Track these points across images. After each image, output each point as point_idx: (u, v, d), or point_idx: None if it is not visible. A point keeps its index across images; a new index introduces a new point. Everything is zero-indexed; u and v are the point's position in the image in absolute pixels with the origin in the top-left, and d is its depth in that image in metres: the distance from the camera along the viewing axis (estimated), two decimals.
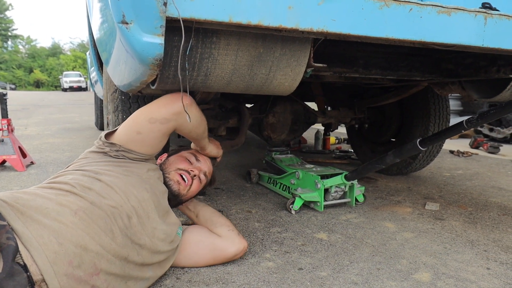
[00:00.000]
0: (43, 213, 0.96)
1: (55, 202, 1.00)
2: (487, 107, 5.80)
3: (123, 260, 1.06)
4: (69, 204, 1.02)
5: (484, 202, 2.31)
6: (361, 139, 3.29)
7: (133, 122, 1.29)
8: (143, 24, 0.87)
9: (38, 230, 0.92)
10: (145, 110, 1.29)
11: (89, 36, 3.14)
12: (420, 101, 2.69)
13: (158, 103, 1.29)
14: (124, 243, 1.07)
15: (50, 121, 7.27)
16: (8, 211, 0.93)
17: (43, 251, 0.89)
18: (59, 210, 0.99)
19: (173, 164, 1.45)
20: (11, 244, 0.86)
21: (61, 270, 0.90)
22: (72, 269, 0.92)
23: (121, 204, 1.11)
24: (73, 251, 0.94)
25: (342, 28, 1.00)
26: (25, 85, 52.05)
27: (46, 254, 0.89)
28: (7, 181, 2.64)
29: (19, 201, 0.98)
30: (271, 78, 1.21)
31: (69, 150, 3.96)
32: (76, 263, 0.93)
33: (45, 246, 0.90)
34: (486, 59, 1.68)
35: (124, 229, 1.08)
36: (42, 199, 1.01)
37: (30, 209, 0.96)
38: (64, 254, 0.92)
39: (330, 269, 1.41)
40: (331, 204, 2.12)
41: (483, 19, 1.12)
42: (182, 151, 1.55)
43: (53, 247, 0.91)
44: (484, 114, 1.54)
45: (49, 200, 1.01)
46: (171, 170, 1.42)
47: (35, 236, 0.90)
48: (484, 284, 1.32)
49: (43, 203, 0.99)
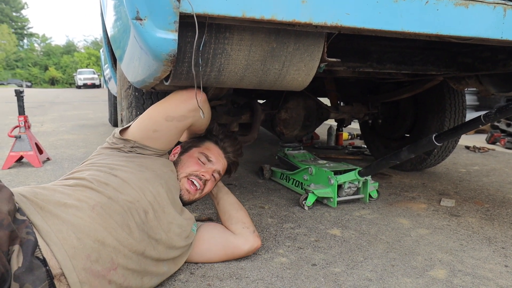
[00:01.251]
0: (62, 207, 0.98)
1: (73, 198, 1.02)
2: (505, 101, 5.68)
3: (140, 255, 1.07)
4: (86, 199, 1.03)
5: (502, 198, 2.27)
6: (374, 134, 3.26)
7: (149, 120, 1.30)
8: (157, 20, 0.87)
9: (57, 225, 0.94)
10: (161, 107, 1.29)
11: (103, 33, 3.16)
12: (435, 96, 2.65)
13: (174, 100, 1.29)
14: (141, 238, 1.08)
15: (65, 118, 7.39)
16: (28, 205, 0.95)
17: (62, 245, 0.91)
18: (78, 205, 1.00)
19: (185, 167, 1.40)
20: (31, 239, 0.87)
21: (80, 264, 0.92)
22: (90, 263, 0.94)
23: (137, 199, 1.12)
24: (91, 246, 0.95)
25: (356, 22, 0.99)
26: (41, 83, 52.93)
27: (65, 249, 0.91)
28: (24, 176, 2.69)
29: (38, 196, 0.99)
30: (284, 74, 1.20)
31: (83, 146, 4.01)
32: (94, 258, 0.95)
33: (64, 240, 0.92)
34: (504, 52, 1.64)
35: (141, 224, 1.09)
36: (60, 194, 1.02)
37: (49, 204, 0.97)
38: (83, 248, 0.93)
39: (344, 265, 1.40)
40: (345, 200, 2.11)
41: (502, 10, 1.09)
42: (194, 149, 1.48)
43: (72, 242, 0.93)
44: (503, 108, 1.51)
45: (67, 195, 1.03)
46: (182, 176, 1.38)
47: (54, 231, 0.92)
48: (502, 282, 1.29)
49: (62, 198, 1.01)
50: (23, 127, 3.09)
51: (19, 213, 0.92)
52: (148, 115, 1.31)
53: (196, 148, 1.48)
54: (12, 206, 0.89)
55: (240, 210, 1.50)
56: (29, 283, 0.83)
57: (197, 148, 1.48)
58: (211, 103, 2.20)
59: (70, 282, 0.89)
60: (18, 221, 0.89)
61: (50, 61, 56.22)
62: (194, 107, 1.26)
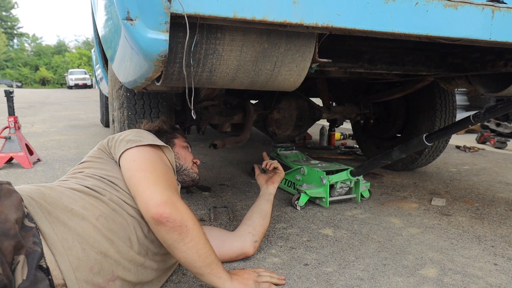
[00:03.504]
0: (69, 214, 0.96)
1: (79, 204, 1.00)
2: (494, 101, 5.75)
3: (139, 267, 1.06)
4: (92, 208, 1.01)
5: (491, 197, 2.30)
6: (366, 134, 3.28)
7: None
8: (148, 20, 0.87)
9: (63, 233, 0.92)
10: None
11: (94, 34, 3.15)
12: (426, 96, 2.67)
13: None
14: (140, 251, 1.07)
15: (56, 119, 7.32)
16: (37, 210, 0.92)
17: (67, 256, 0.90)
18: (83, 213, 0.99)
19: (187, 157, 1.48)
20: (37, 250, 0.85)
21: (83, 276, 0.91)
22: (93, 275, 0.93)
23: (140, 214, 1.09)
24: (95, 258, 0.94)
25: (347, 23, 0.99)
26: (31, 83, 52.40)
27: (69, 260, 0.90)
28: (14, 178, 2.66)
29: (47, 198, 0.97)
30: (276, 74, 1.20)
31: (75, 147, 3.98)
32: (96, 270, 0.94)
33: (69, 251, 0.91)
34: (493, 53, 1.66)
35: (142, 238, 1.08)
36: (67, 198, 1.00)
37: (57, 209, 0.95)
38: (87, 260, 0.92)
39: (336, 264, 1.41)
40: (337, 200, 2.11)
41: (491, 12, 1.10)
42: (176, 141, 1.52)
43: (77, 253, 0.91)
44: (492, 108, 1.53)
45: (74, 200, 1.01)
46: (189, 165, 1.48)
47: (61, 239, 0.91)
48: (492, 280, 1.31)
49: (69, 203, 0.99)
50: (13, 128, 3.05)
51: (27, 218, 0.89)
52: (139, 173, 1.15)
53: (176, 139, 1.53)
54: (20, 214, 0.87)
55: (262, 220, 1.50)
56: None
57: (177, 139, 1.54)
58: (204, 104, 2.21)
59: None
60: (26, 228, 0.87)
61: (41, 61, 55.69)
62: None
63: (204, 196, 2.23)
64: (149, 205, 1.01)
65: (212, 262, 1.07)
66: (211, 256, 1.07)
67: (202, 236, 1.05)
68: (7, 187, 0.89)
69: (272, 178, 1.73)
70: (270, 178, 1.74)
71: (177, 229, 1.00)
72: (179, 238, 1.01)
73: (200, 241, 1.04)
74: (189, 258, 1.03)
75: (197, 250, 1.03)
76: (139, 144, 1.16)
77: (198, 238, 1.04)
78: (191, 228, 1.02)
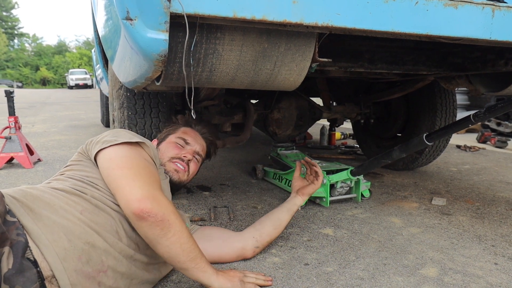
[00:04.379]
0: (51, 209, 0.97)
1: (62, 201, 1.01)
2: (495, 101, 5.74)
3: (130, 259, 1.06)
4: (75, 204, 1.01)
5: (492, 197, 2.29)
6: (366, 134, 3.27)
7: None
8: (148, 20, 0.87)
9: (47, 226, 0.93)
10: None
11: (94, 34, 3.15)
12: (426, 96, 2.67)
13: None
14: (129, 243, 1.07)
15: (56, 119, 7.32)
16: (18, 207, 0.93)
17: (53, 248, 0.90)
18: (66, 208, 0.99)
19: (165, 153, 1.43)
20: (21, 240, 0.86)
21: (71, 266, 0.91)
22: (82, 265, 0.93)
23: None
24: (82, 248, 0.94)
25: (347, 22, 0.99)
26: (32, 83, 52.45)
27: (56, 251, 0.90)
28: (15, 178, 2.66)
29: (28, 196, 0.98)
30: (276, 74, 1.20)
31: (75, 147, 3.98)
32: (84, 259, 0.94)
33: (55, 243, 0.91)
34: (493, 52, 1.65)
35: (129, 232, 1.08)
36: (50, 197, 1.01)
37: (39, 206, 0.96)
38: (73, 250, 0.93)
39: (336, 264, 1.41)
40: (337, 199, 2.11)
41: (491, 11, 1.10)
42: (170, 136, 1.51)
43: (63, 244, 0.92)
44: (492, 108, 1.53)
45: (56, 198, 1.01)
46: (165, 161, 1.41)
47: (45, 233, 0.91)
48: (492, 279, 1.31)
49: (51, 200, 0.99)
50: (13, 128, 3.05)
51: (9, 214, 0.91)
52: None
53: (172, 134, 1.51)
54: (2, 208, 0.88)
55: (273, 229, 1.46)
56: (19, 284, 0.82)
57: (173, 134, 1.51)
58: (204, 103, 2.21)
59: (61, 284, 0.88)
60: (8, 223, 0.88)
61: (41, 61, 55.76)
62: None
63: (205, 196, 2.23)
64: (129, 201, 0.99)
65: (196, 257, 1.04)
66: (195, 250, 1.05)
67: (184, 230, 1.03)
68: None
69: (306, 188, 1.61)
70: (304, 187, 1.62)
71: (159, 223, 0.98)
72: (162, 233, 0.99)
73: (183, 235, 1.02)
74: (173, 253, 1.01)
75: (181, 244, 1.01)
76: (113, 143, 1.14)
77: (180, 233, 1.02)
78: (173, 223, 1.00)
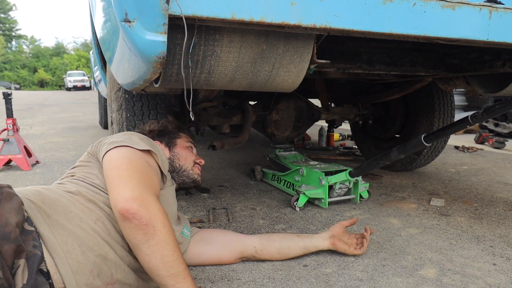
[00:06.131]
0: (67, 217, 0.96)
1: (78, 208, 1.00)
2: (492, 102, 5.76)
3: (137, 271, 1.05)
4: (89, 212, 1.01)
5: (490, 197, 2.30)
6: (365, 135, 3.28)
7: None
8: (146, 22, 0.87)
9: (63, 236, 0.92)
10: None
11: (92, 35, 3.15)
12: (424, 97, 2.67)
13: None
14: None
15: (54, 120, 7.31)
16: (36, 213, 0.92)
17: (66, 259, 0.90)
18: (82, 216, 0.98)
19: (188, 158, 1.45)
20: (37, 254, 0.85)
21: (82, 280, 0.91)
22: (92, 278, 0.93)
23: None
24: (94, 260, 0.94)
25: (345, 24, 0.99)
26: (30, 85, 52.38)
27: (69, 263, 0.90)
28: (13, 180, 2.65)
29: (46, 200, 0.97)
30: (274, 75, 1.21)
31: (73, 149, 3.97)
32: (96, 273, 0.94)
33: (68, 254, 0.90)
34: (491, 53, 1.66)
35: None
36: (66, 201, 1.00)
37: (56, 212, 0.95)
38: (86, 263, 0.92)
39: (335, 265, 1.40)
40: (336, 200, 2.12)
41: (488, 13, 1.11)
42: (179, 141, 1.49)
43: (77, 256, 0.91)
44: (490, 109, 1.53)
45: (72, 204, 1.00)
46: (189, 166, 1.45)
47: (60, 243, 0.91)
48: (491, 280, 1.31)
49: (68, 207, 0.99)
50: (11, 130, 3.05)
51: (27, 222, 0.89)
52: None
53: (179, 139, 1.51)
54: (21, 217, 0.86)
55: (276, 253, 1.42)
56: None
57: (180, 139, 1.51)
58: (202, 105, 2.21)
59: None
60: (25, 232, 0.87)
61: (39, 63, 55.68)
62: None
63: (203, 198, 2.23)
64: (118, 200, 0.96)
65: (179, 274, 0.95)
66: (179, 266, 0.96)
67: (171, 242, 0.96)
68: (7, 191, 0.89)
69: (340, 243, 1.46)
70: (340, 240, 1.47)
71: (143, 228, 0.93)
72: (144, 238, 0.94)
73: (167, 247, 0.95)
74: (152, 264, 0.94)
75: (162, 256, 0.94)
76: (118, 144, 1.12)
77: (165, 243, 0.95)
78: (158, 231, 0.94)
